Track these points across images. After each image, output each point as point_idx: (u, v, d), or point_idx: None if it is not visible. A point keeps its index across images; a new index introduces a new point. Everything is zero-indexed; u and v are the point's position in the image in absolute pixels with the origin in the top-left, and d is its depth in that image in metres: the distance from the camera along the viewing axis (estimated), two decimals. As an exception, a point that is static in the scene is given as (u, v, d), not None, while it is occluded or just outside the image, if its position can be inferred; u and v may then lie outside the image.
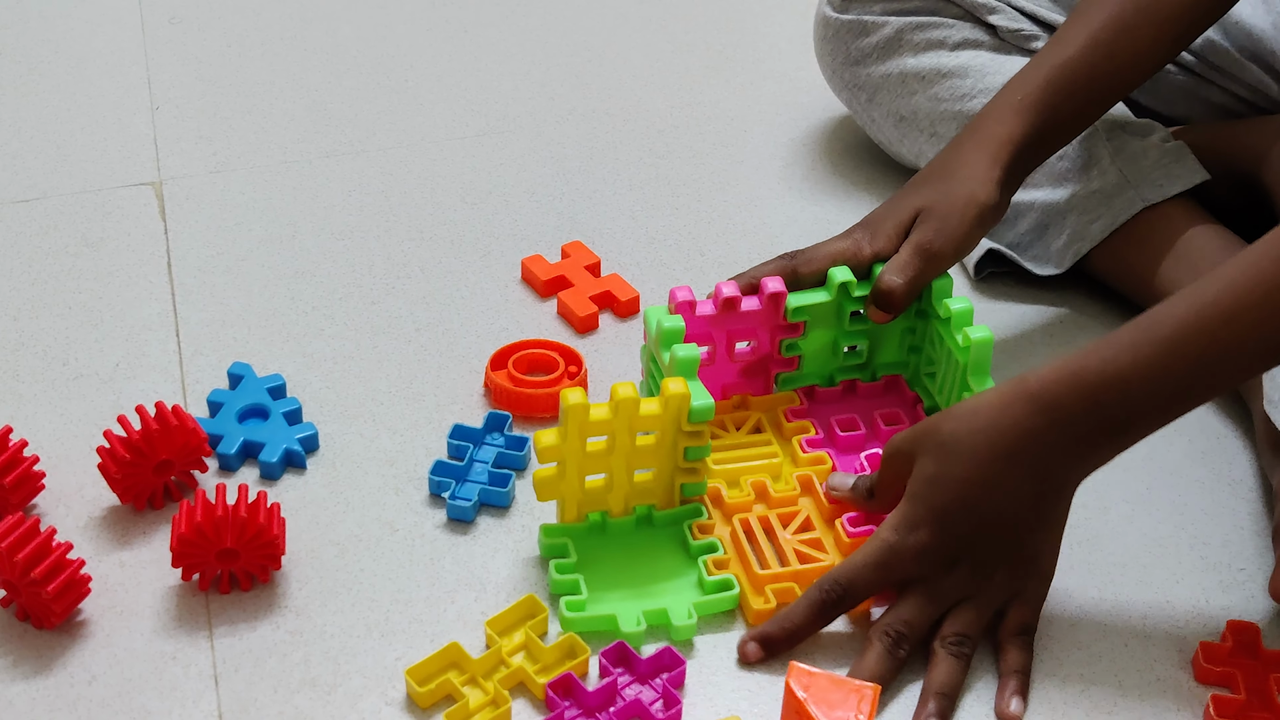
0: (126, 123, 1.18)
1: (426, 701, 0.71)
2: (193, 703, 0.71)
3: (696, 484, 0.79)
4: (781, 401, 0.87)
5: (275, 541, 0.75)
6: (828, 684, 0.69)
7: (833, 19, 1.09)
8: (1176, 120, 1.04)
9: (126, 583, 0.77)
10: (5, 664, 0.72)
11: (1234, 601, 0.78)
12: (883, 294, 0.83)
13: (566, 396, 0.73)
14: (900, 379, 0.89)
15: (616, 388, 0.74)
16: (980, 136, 0.87)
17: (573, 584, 0.75)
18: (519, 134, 1.18)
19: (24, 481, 0.79)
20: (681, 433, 0.76)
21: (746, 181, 1.13)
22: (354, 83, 1.25)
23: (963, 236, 0.84)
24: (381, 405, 0.89)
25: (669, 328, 0.79)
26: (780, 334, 0.85)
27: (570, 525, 0.78)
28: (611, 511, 0.79)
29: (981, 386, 0.81)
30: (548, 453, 0.74)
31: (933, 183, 0.86)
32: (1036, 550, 0.73)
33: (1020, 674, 0.72)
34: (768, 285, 0.83)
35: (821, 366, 0.88)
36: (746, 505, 0.81)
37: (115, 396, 0.89)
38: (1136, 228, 0.96)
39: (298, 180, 1.11)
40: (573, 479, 0.77)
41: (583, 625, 0.74)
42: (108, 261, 1.02)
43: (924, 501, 0.73)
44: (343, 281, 1.00)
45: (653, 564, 0.78)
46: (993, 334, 0.81)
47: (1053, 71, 0.87)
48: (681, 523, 0.80)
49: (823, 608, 0.73)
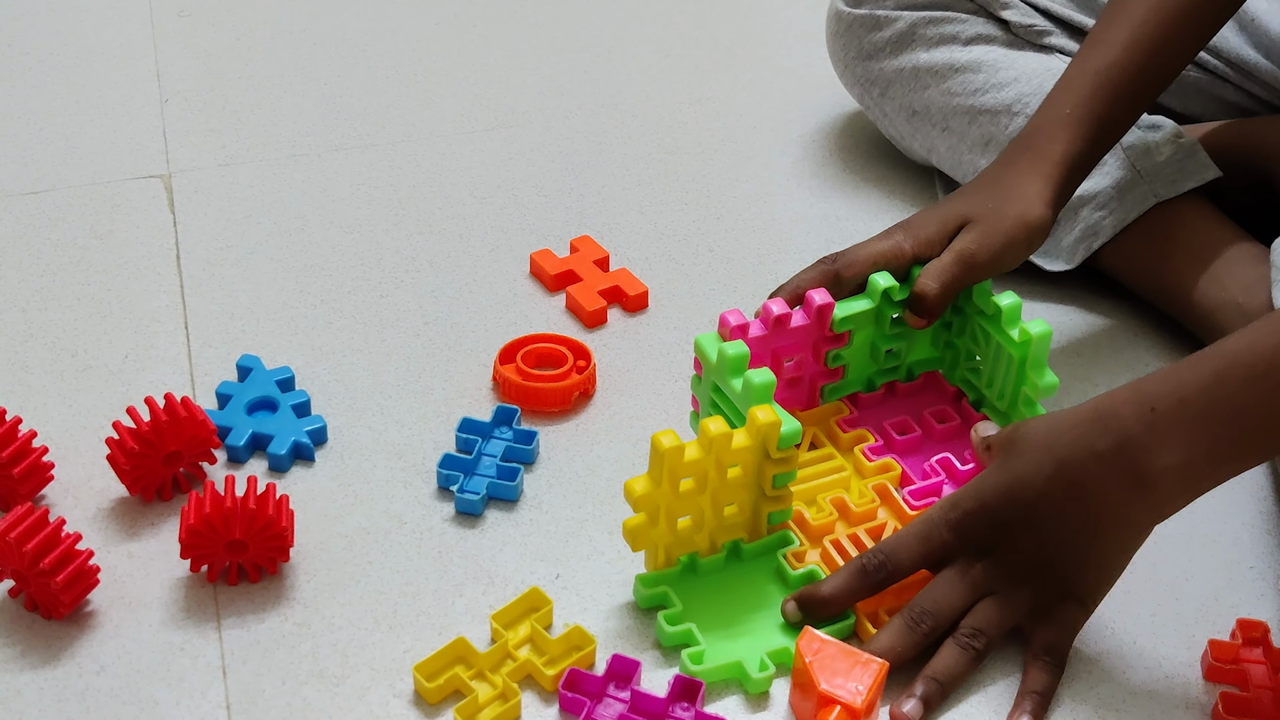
0: (135, 115, 1.18)
1: (435, 697, 0.71)
2: (200, 694, 0.71)
3: (784, 511, 0.77)
4: (830, 413, 0.86)
5: (284, 534, 0.75)
6: (838, 653, 0.69)
7: (845, 13, 1.09)
8: (1191, 119, 1.04)
9: (135, 574, 0.77)
10: (14, 654, 0.73)
11: (1243, 599, 0.78)
12: (918, 298, 0.82)
13: (659, 441, 0.69)
14: (938, 375, 0.89)
15: (706, 423, 0.71)
16: (1033, 155, 0.85)
17: (687, 634, 0.73)
18: (528, 128, 1.18)
19: (33, 472, 0.79)
20: (769, 460, 0.74)
21: (756, 177, 1.13)
22: (363, 76, 1.25)
23: (1006, 251, 0.82)
24: (390, 398, 0.89)
25: (735, 354, 0.76)
26: (825, 346, 0.83)
27: (663, 572, 0.76)
28: (700, 551, 0.76)
29: (1041, 379, 0.81)
30: (642, 502, 0.71)
31: (984, 194, 0.85)
32: (1076, 576, 0.72)
33: (1036, 695, 0.71)
34: (814, 299, 0.81)
35: (861, 372, 0.87)
36: (830, 525, 0.79)
37: (124, 388, 0.89)
38: (1148, 224, 0.95)
39: (307, 174, 1.11)
40: (664, 524, 0.74)
41: (708, 677, 0.71)
42: (116, 254, 1.02)
43: (975, 484, 0.73)
44: (351, 275, 1.00)
45: (751, 599, 0.75)
46: (1050, 328, 0.81)
47: (1099, 79, 0.86)
48: (771, 553, 0.78)
49: (863, 573, 0.73)
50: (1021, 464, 0.71)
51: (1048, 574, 0.72)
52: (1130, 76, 0.86)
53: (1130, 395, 0.69)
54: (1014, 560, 0.72)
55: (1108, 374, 0.93)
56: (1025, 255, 0.84)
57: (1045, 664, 0.72)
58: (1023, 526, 0.71)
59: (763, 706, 0.71)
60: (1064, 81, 0.87)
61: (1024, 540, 0.71)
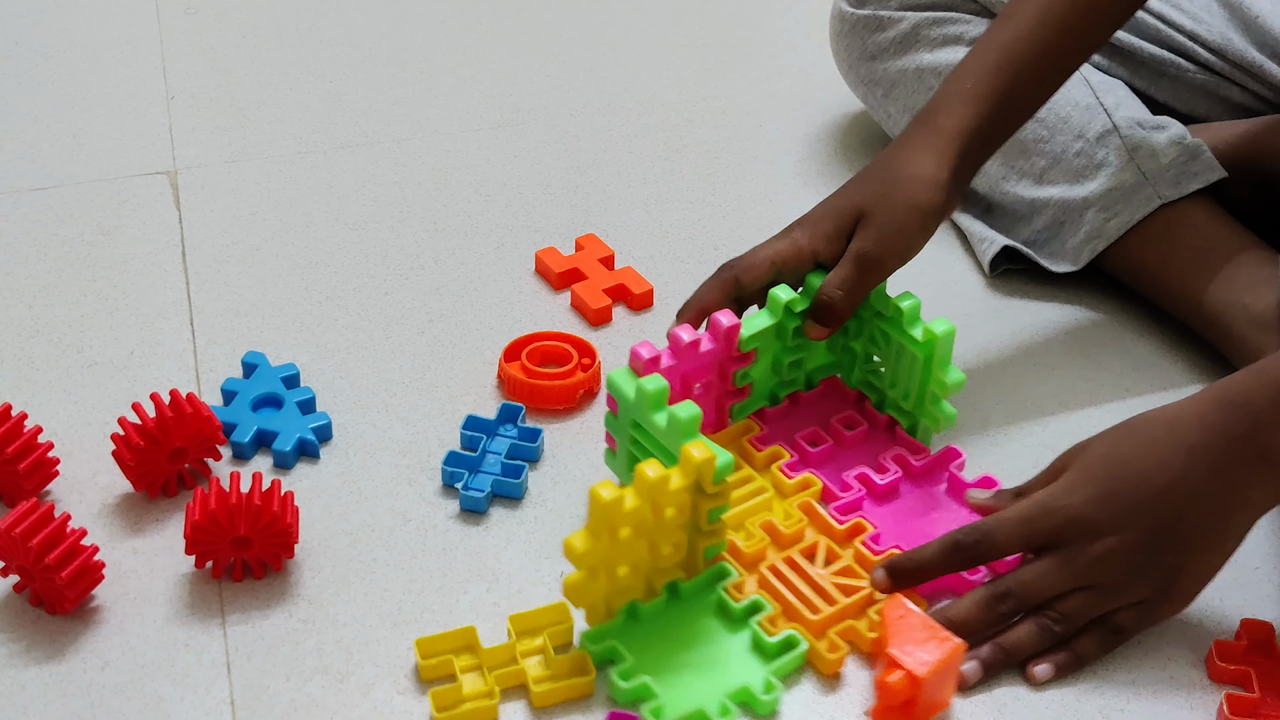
0: (142, 112, 1.18)
1: (429, 675, 0.71)
2: (205, 689, 0.71)
3: (719, 544, 0.75)
4: (740, 432, 0.85)
5: (289, 530, 0.75)
6: (919, 624, 0.68)
7: (849, 14, 1.09)
8: (1197, 119, 1.04)
9: (139, 570, 0.77)
10: (19, 649, 0.73)
11: (1248, 599, 0.78)
12: (823, 307, 0.80)
13: (599, 494, 0.66)
14: (837, 379, 0.88)
15: (642, 468, 0.67)
16: (927, 131, 0.83)
17: (644, 689, 0.70)
18: (534, 126, 1.18)
19: (38, 468, 0.79)
20: (703, 495, 0.71)
21: (761, 176, 1.13)
22: (369, 74, 1.25)
23: (904, 245, 0.81)
24: (395, 396, 0.89)
25: (655, 390, 0.73)
26: (733, 366, 0.82)
27: (607, 625, 0.73)
28: (639, 596, 0.74)
29: (948, 377, 0.81)
30: (585, 558, 0.67)
31: (875, 182, 0.83)
32: (1189, 569, 0.71)
33: (1075, 657, 0.71)
34: (721, 321, 0.79)
35: (765, 386, 0.86)
36: (763, 551, 0.77)
37: (129, 384, 0.89)
38: (1153, 225, 0.95)
39: (312, 171, 1.12)
40: (604, 578, 0.70)
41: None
42: (122, 250, 1.02)
43: (1090, 470, 0.71)
44: (357, 272, 1.00)
45: (698, 638, 0.73)
46: (954, 325, 0.80)
47: (1003, 53, 0.84)
48: (709, 587, 0.75)
49: (956, 549, 0.72)
50: (1139, 447, 0.70)
51: (1164, 564, 0.70)
52: (1038, 53, 0.84)
53: (1253, 380, 0.68)
54: (1133, 550, 0.69)
55: (1112, 374, 0.93)
56: (923, 241, 0.82)
57: (1106, 638, 0.71)
58: (1149, 513, 0.69)
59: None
60: (969, 56, 0.85)
61: (1147, 528, 0.69)
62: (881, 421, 0.86)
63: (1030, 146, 1.00)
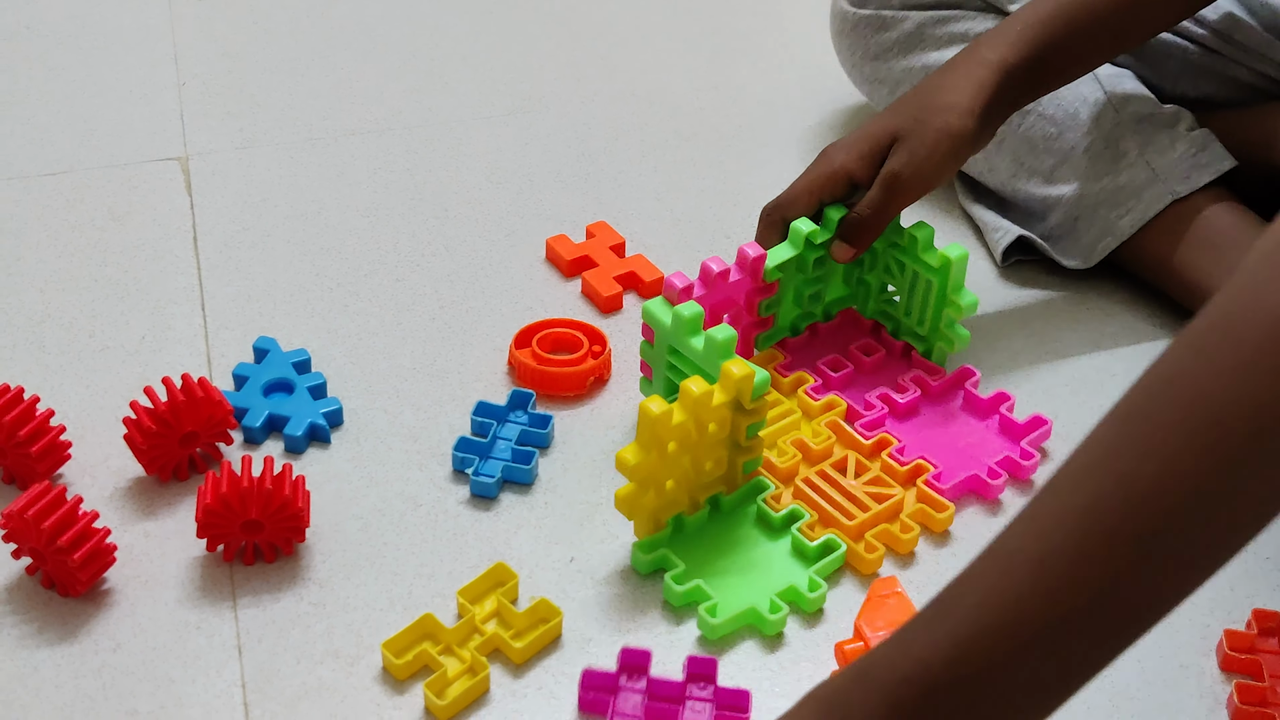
0: (153, 98, 1.18)
1: (404, 673, 0.71)
2: (216, 672, 0.71)
3: (756, 459, 0.79)
4: (766, 360, 0.89)
5: (300, 514, 0.75)
6: (899, 606, 0.72)
7: (850, 13, 1.08)
8: (1204, 100, 1.02)
9: (151, 553, 0.77)
10: (31, 630, 0.73)
11: (1259, 589, 0.78)
12: (852, 226, 0.84)
13: (648, 409, 0.70)
14: (853, 311, 0.93)
15: (687, 384, 0.72)
16: (971, 63, 0.85)
17: (697, 591, 0.74)
18: (545, 114, 1.18)
19: (50, 451, 0.79)
20: (741, 412, 0.76)
21: (772, 164, 1.13)
22: (380, 61, 1.25)
23: (933, 169, 0.83)
24: (405, 381, 0.89)
25: (691, 315, 0.77)
26: (758, 296, 0.86)
27: (657, 535, 0.77)
28: (684, 510, 0.78)
29: (962, 299, 0.85)
30: (636, 470, 0.72)
31: (912, 106, 0.85)
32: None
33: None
34: (748, 252, 0.83)
35: (787, 318, 0.90)
36: (795, 466, 0.82)
37: (141, 369, 0.89)
38: (1164, 219, 0.95)
39: (323, 157, 1.12)
40: (652, 491, 0.74)
41: (726, 628, 0.73)
42: (134, 235, 1.02)
43: None
44: (368, 258, 1.00)
45: (742, 547, 0.78)
46: (966, 250, 0.85)
47: (1058, 10, 0.85)
48: (749, 500, 0.80)
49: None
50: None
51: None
52: (1090, 20, 0.86)
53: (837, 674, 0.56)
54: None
55: (1126, 366, 0.93)
56: (955, 167, 0.85)
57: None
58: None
59: (777, 647, 0.73)
60: (1027, 6, 0.87)
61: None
62: (897, 348, 0.91)
63: (1039, 143, 0.99)
